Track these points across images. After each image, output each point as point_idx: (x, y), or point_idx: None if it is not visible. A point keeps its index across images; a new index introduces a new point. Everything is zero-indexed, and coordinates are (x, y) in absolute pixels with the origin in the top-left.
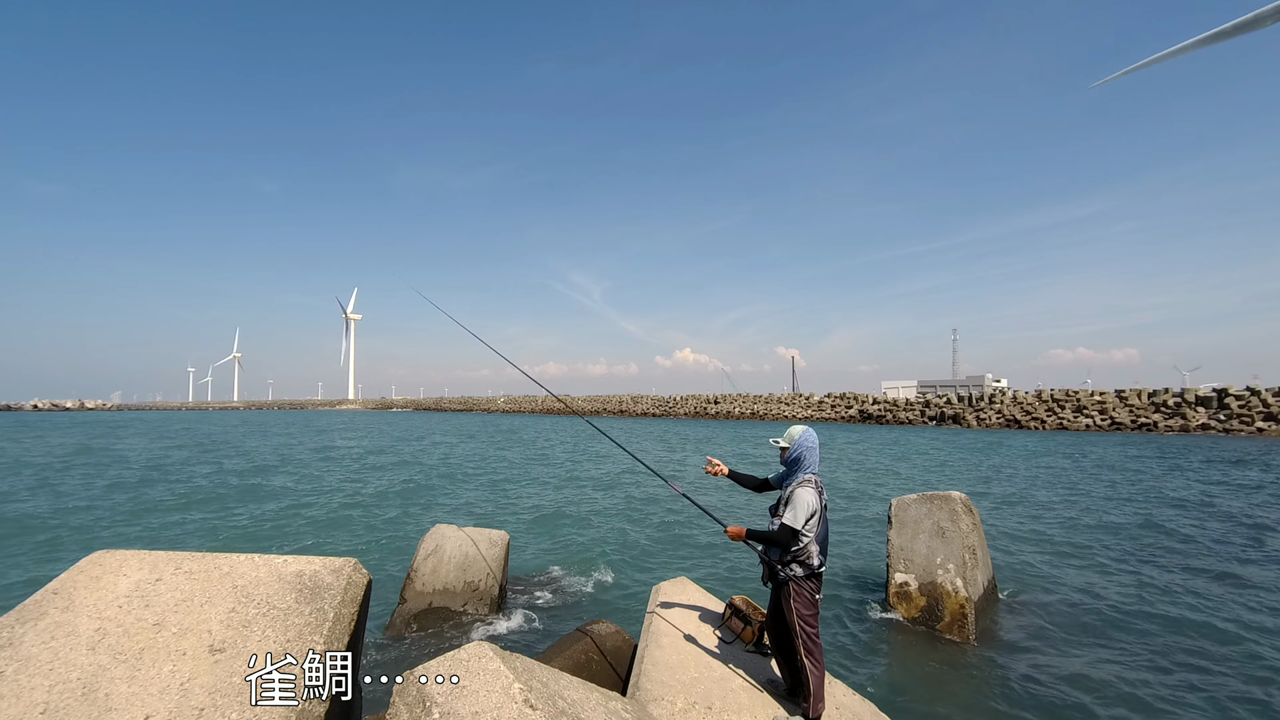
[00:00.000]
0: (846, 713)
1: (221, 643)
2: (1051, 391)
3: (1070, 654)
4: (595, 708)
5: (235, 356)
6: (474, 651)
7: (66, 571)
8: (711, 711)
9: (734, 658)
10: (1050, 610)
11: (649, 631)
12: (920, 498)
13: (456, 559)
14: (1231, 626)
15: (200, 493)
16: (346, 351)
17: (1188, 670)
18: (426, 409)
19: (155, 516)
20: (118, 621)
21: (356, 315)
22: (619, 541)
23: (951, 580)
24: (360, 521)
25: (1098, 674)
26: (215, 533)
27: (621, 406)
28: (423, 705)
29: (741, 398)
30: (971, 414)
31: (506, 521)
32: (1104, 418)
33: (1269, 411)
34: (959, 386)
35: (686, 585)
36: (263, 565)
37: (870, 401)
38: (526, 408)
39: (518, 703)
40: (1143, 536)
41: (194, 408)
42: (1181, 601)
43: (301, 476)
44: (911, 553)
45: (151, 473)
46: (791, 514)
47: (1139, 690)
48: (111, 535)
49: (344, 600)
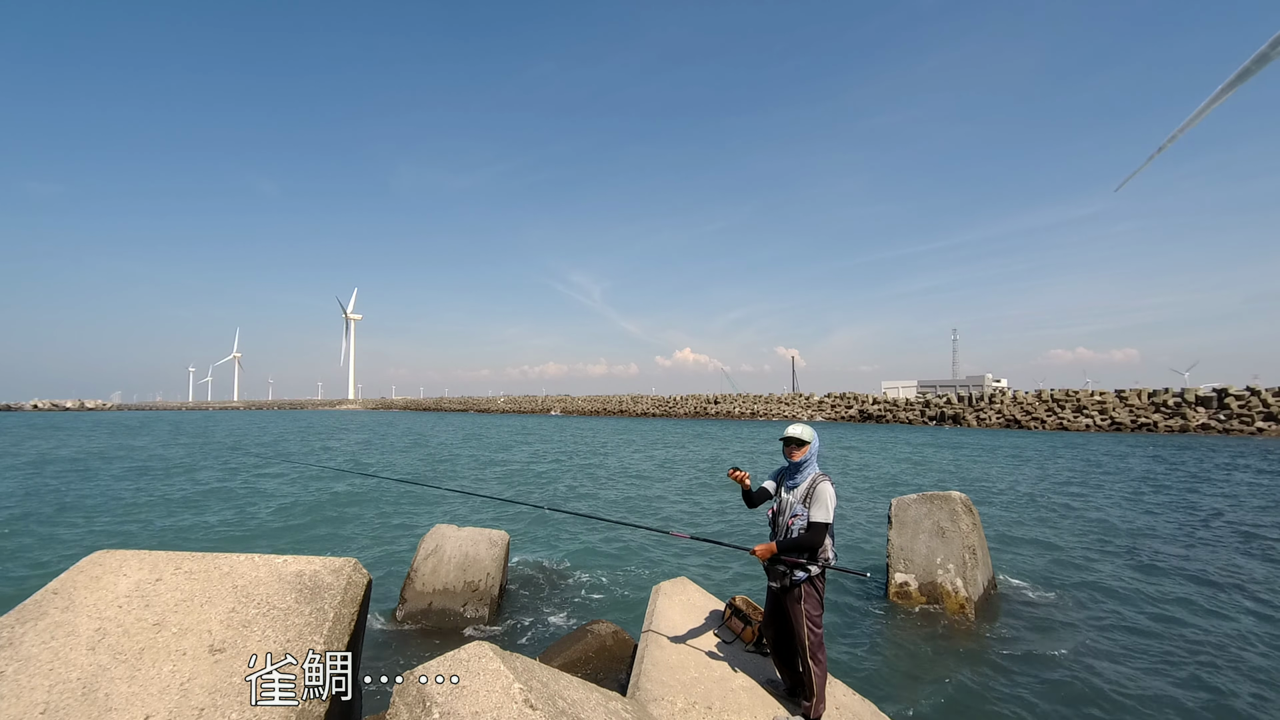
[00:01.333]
0: (846, 713)
1: (221, 643)
2: (1051, 391)
3: (1071, 654)
4: (595, 708)
5: (235, 356)
6: (474, 651)
7: (66, 571)
8: (711, 711)
9: (734, 658)
10: (1050, 610)
11: (649, 631)
12: (920, 498)
13: (456, 559)
14: (1232, 627)
15: (201, 492)
16: (346, 351)
17: (1188, 670)
18: (426, 409)
19: (155, 516)
20: (118, 621)
21: (356, 315)
22: (619, 541)
23: (951, 580)
24: (360, 521)
25: (1098, 674)
26: (216, 532)
27: (621, 406)
28: (423, 705)
29: (741, 398)
30: (971, 414)
31: (506, 522)
32: (1104, 418)
33: (1269, 411)
34: (959, 386)
35: (686, 585)
36: (263, 565)
37: (870, 401)
38: (527, 408)
39: (518, 703)
40: (1143, 537)
41: (194, 408)
42: (1182, 601)
43: (303, 475)
44: (911, 552)
45: (153, 473)
46: (823, 510)
47: (1139, 690)
48: (111, 535)
49: (344, 600)
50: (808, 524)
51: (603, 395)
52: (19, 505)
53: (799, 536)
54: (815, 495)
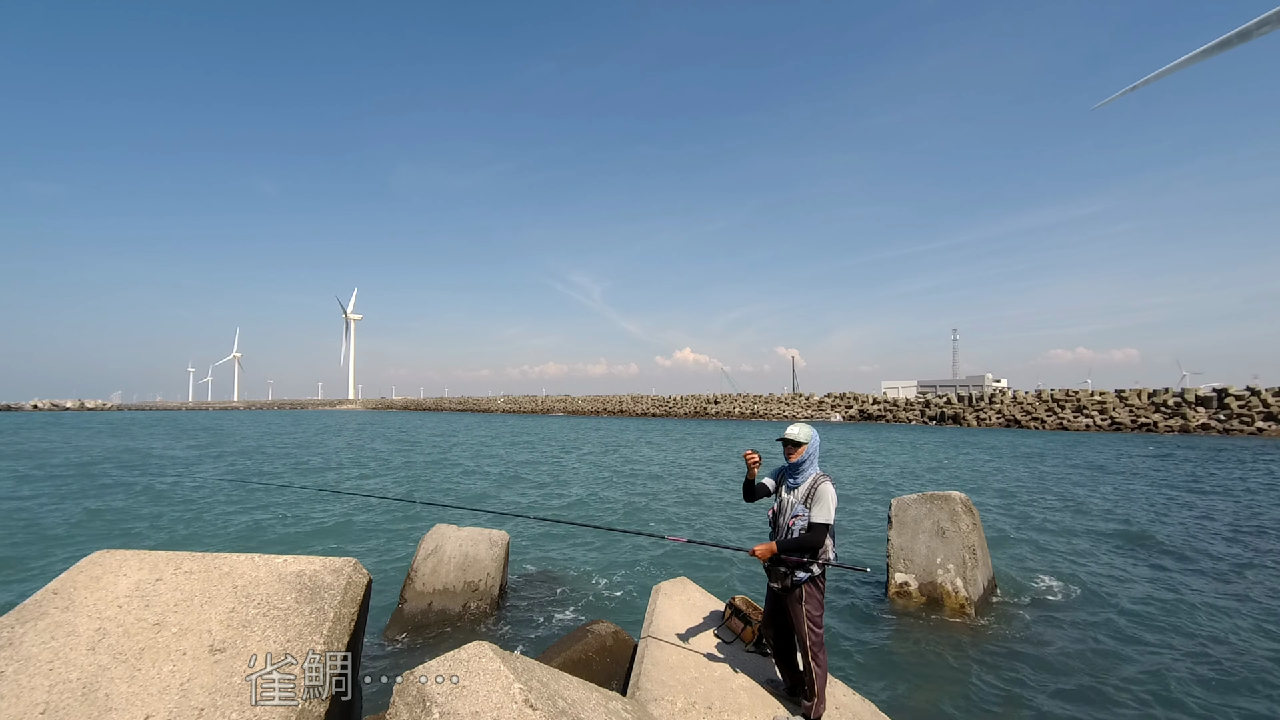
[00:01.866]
0: (846, 712)
1: (221, 643)
2: (1051, 391)
3: (1070, 654)
4: (595, 708)
5: (235, 356)
6: (474, 651)
7: (66, 571)
8: (711, 711)
9: (734, 658)
10: (1050, 610)
11: (649, 631)
12: (920, 498)
13: (456, 559)
14: (1235, 626)
15: (201, 492)
16: (346, 351)
17: (1188, 670)
18: (426, 409)
19: (156, 516)
20: (118, 621)
21: (356, 315)
22: (619, 541)
23: (951, 580)
24: (360, 521)
25: (1099, 674)
26: (216, 532)
27: (621, 406)
28: (423, 705)
29: (741, 398)
30: (971, 414)
31: (506, 522)
32: (1104, 418)
33: (1269, 411)
34: (959, 386)
35: (686, 585)
36: (263, 565)
37: (870, 401)
38: (526, 408)
39: (518, 703)
40: (1143, 537)
41: (194, 408)
42: (1183, 601)
43: (301, 475)
44: (911, 552)
45: (155, 472)
46: (823, 511)
47: (1139, 690)
48: (111, 535)
49: (344, 600)
50: (809, 524)
51: (603, 395)
52: (19, 505)
53: (800, 537)
54: (816, 496)
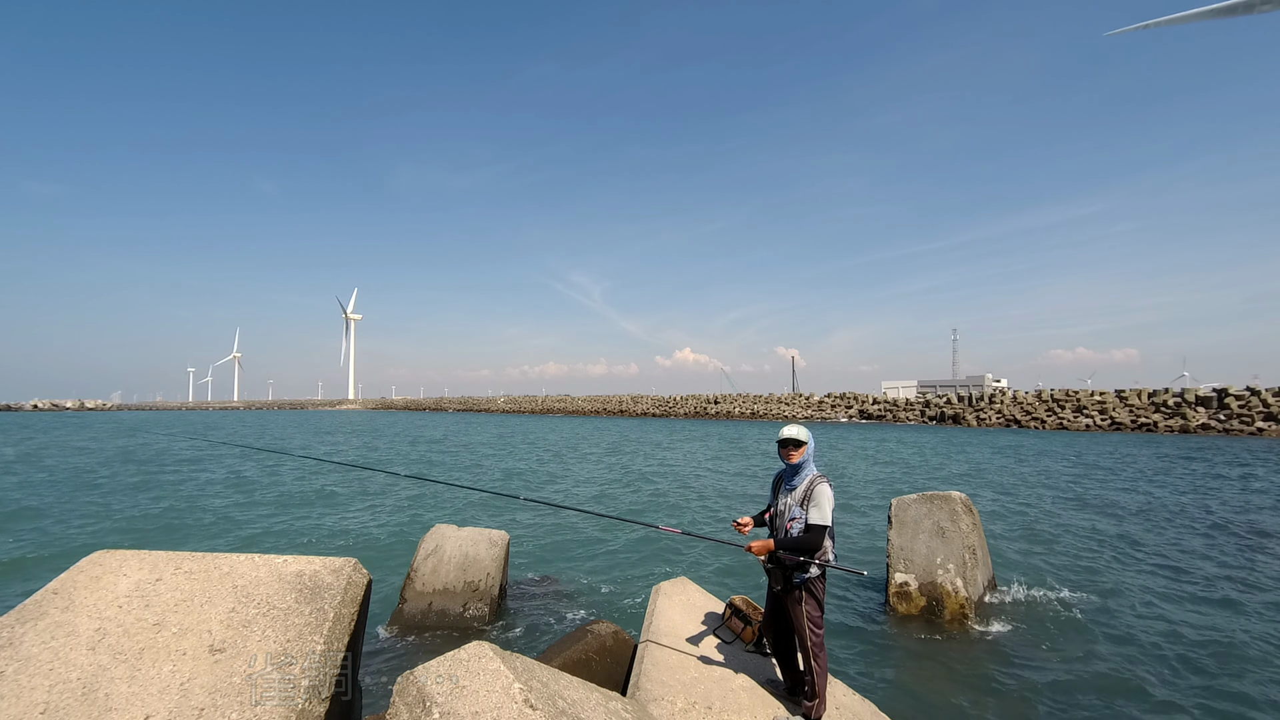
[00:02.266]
0: (846, 713)
1: (221, 643)
2: (1051, 391)
3: (1071, 654)
4: (595, 708)
5: (235, 356)
6: (474, 651)
7: (66, 571)
8: (711, 711)
9: (734, 658)
10: (1050, 610)
11: (649, 631)
12: (920, 498)
13: (456, 559)
14: (1232, 627)
15: (201, 493)
16: (346, 351)
17: (1188, 670)
18: (426, 409)
19: (156, 516)
20: (118, 621)
21: (356, 315)
22: (620, 541)
23: (951, 580)
24: (360, 521)
25: (1098, 674)
26: (215, 532)
27: (621, 406)
28: (423, 705)
29: (741, 398)
30: (971, 414)
31: (506, 522)
32: (1104, 418)
33: (1269, 411)
34: (959, 386)
35: (686, 585)
36: (263, 565)
37: (870, 401)
38: (526, 408)
39: (518, 703)
40: (1143, 537)
41: (194, 408)
42: (1183, 601)
43: (302, 475)
44: (911, 553)
45: (156, 472)
46: (819, 512)
47: (1139, 690)
48: (111, 535)
49: (344, 600)
50: (806, 526)
51: (603, 395)
52: (19, 505)
53: (798, 538)
54: (813, 497)
